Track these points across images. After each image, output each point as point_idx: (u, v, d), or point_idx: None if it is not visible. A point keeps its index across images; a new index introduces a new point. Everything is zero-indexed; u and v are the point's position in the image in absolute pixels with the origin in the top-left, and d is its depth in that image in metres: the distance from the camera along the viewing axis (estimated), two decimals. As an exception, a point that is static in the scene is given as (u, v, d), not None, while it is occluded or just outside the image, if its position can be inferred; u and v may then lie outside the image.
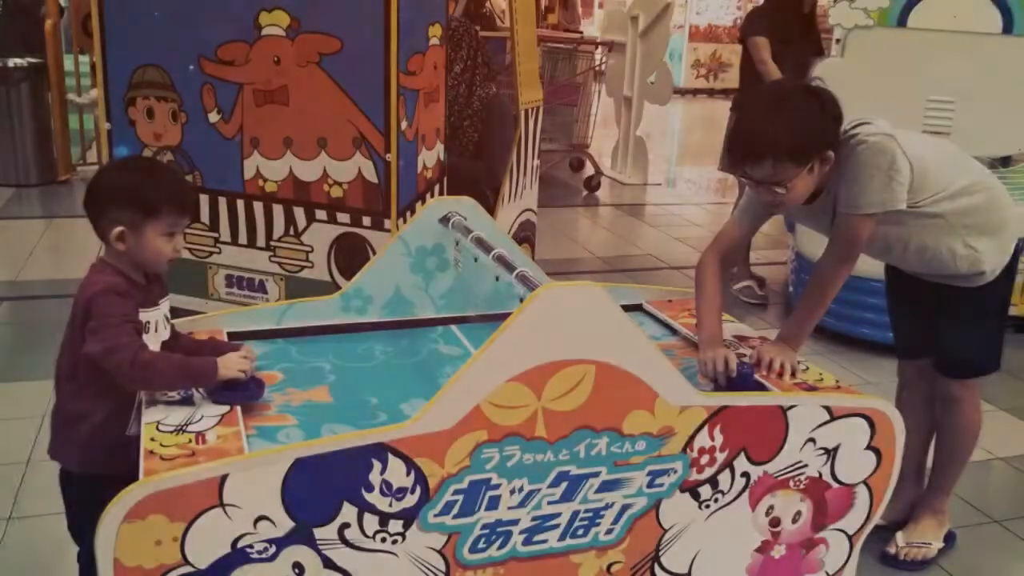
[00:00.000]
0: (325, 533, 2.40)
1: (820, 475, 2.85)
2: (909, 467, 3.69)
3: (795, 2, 6.70)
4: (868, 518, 2.98)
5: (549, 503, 2.59)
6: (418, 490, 2.44)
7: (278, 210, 4.51)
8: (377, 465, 2.39)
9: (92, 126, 9.67)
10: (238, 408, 2.62)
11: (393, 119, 4.21)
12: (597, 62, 11.01)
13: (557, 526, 2.63)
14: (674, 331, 3.45)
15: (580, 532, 2.66)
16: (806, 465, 2.83)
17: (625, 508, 2.67)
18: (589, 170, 10.51)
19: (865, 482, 2.92)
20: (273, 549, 2.37)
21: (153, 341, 2.70)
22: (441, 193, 4.84)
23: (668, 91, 10.59)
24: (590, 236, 8.90)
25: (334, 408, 2.78)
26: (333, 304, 3.34)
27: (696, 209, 10.02)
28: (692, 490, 2.73)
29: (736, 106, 6.71)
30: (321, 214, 4.44)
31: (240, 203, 4.56)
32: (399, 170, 4.28)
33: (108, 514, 2.21)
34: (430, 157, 4.67)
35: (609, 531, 2.69)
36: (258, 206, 4.53)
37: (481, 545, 2.57)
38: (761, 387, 2.95)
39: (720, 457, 2.72)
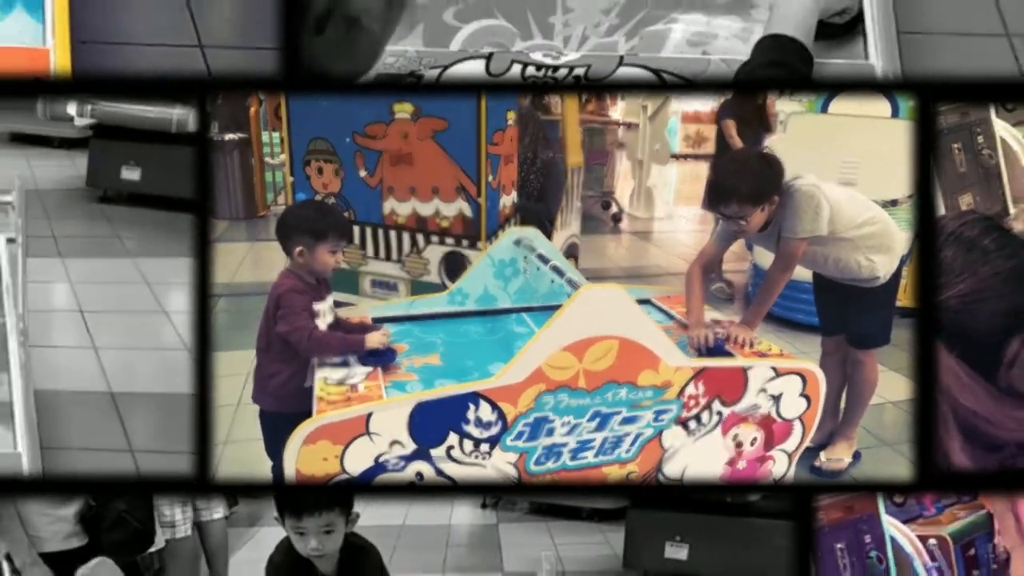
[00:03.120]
0: (438, 452, 2.43)
1: (769, 413, 2.84)
2: (829, 408, 3.63)
3: (752, 95, 6.64)
4: (801, 442, 2.96)
5: (588, 432, 2.61)
6: (500, 423, 2.47)
7: (406, 236, 4.55)
8: (472, 407, 2.42)
9: (280, 179, 9.75)
10: (379, 369, 2.66)
11: (483, 175, 4.25)
12: (619, 135, 10.97)
13: (593, 447, 2.64)
14: (672, 317, 3.44)
15: (608, 451, 2.67)
16: (760, 407, 2.81)
17: (639, 436, 2.68)
18: (614, 208, 10.45)
19: (800, 418, 2.90)
20: (403, 463, 2.41)
21: (322, 324, 2.74)
22: (515, 224, 4.85)
23: (667, 155, 10.56)
24: (615, 253, 8.87)
25: (443, 368, 2.80)
26: (443, 299, 3.38)
27: (687, 234, 9.94)
28: (684, 423, 2.73)
29: (712, 167, 6.67)
30: (435, 238, 4.47)
31: (380, 231, 4.60)
32: (487, 209, 4.31)
33: (292, 440, 2.28)
34: (507, 200, 4.69)
35: (628, 451, 2.69)
36: (392, 233, 4.58)
37: (542, 460, 2.59)
38: (730, 355, 2.94)
39: (702, 401, 2.72)
